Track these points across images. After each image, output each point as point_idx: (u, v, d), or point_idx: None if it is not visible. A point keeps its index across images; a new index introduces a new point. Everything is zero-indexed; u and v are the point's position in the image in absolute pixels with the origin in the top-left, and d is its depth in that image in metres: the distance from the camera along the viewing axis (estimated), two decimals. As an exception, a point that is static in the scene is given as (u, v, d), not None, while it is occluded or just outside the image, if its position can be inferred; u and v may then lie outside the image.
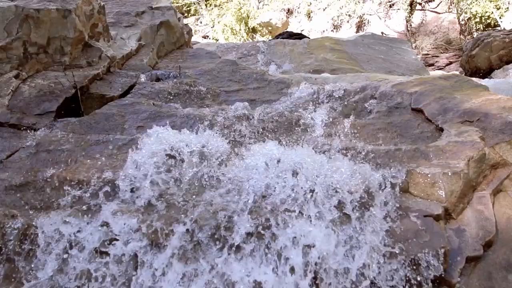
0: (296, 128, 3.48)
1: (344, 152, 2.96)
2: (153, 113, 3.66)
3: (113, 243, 2.49)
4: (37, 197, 2.74)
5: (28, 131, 3.35)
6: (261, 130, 3.44)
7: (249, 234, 2.45)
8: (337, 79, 4.66)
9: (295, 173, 2.66)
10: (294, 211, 2.51)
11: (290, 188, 2.60)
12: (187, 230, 2.46)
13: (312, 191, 2.57)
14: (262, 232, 2.45)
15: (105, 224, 2.53)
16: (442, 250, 2.31)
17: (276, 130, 3.45)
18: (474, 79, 4.32)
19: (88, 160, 2.99)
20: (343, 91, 4.01)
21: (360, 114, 3.70)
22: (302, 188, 2.59)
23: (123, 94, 4.09)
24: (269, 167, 2.73)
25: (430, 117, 3.37)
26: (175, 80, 4.48)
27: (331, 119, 3.58)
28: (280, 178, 2.66)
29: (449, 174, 2.60)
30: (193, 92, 4.24)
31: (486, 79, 7.49)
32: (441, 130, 3.19)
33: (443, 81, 3.89)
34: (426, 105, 3.50)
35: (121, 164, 2.86)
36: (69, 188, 2.74)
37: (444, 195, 2.56)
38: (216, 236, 2.46)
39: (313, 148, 3.01)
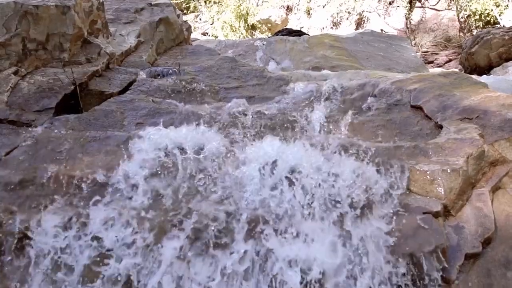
0: (295, 126, 3.46)
1: (344, 150, 2.90)
2: (152, 110, 3.65)
3: (105, 260, 2.44)
4: (36, 194, 2.73)
5: (27, 128, 3.33)
6: (258, 128, 3.41)
7: (243, 254, 2.39)
8: (337, 76, 4.65)
9: (292, 183, 2.60)
10: (292, 232, 2.44)
11: (287, 202, 2.53)
12: (181, 247, 2.42)
13: (310, 205, 2.51)
14: (256, 254, 2.40)
15: (96, 238, 2.49)
16: (441, 247, 2.31)
17: (274, 127, 3.43)
18: (473, 76, 4.32)
19: (87, 157, 2.98)
20: (342, 88, 4.01)
21: (359, 111, 3.69)
22: (299, 202, 2.52)
23: (122, 91, 4.08)
24: (264, 176, 2.65)
25: (430, 114, 3.37)
26: (174, 76, 4.48)
27: (330, 116, 3.57)
28: (276, 189, 2.59)
29: (448, 171, 2.61)
30: (192, 89, 4.23)
31: (485, 76, 7.48)
32: (440, 127, 3.19)
33: (443, 78, 3.89)
34: (426, 102, 3.50)
35: (118, 162, 2.84)
36: (58, 196, 2.69)
37: (443, 192, 2.56)
38: (208, 254, 2.41)
39: (311, 145, 2.95)
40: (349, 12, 18.54)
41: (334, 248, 2.38)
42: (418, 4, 18.03)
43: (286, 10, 19.86)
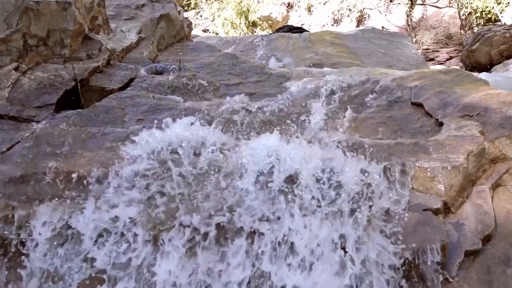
0: (294, 123, 3.45)
1: (345, 150, 2.84)
2: (152, 106, 3.65)
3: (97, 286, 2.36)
4: (37, 190, 2.74)
5: (28, 124, 3.34)
6: (257, 126, 3.38)
7: (240, 282, 2.31)
8: (337, 73, 4.65)
9: (290, 200, 2.48)
10: (291, 256, 2.34)
11: (284, 226, 2.40)
12: (171, 271, 2.36)
13: (309, 227, 2.38)
14: (253, 280, 2.30)
15: (87, 259, 2.43)
16: (441, 244, 2.31)
17: (273, 125, 3.41)
18: (474, 73, 4.32)
19: (88, 153, 2.98)
20: (342, 86, 4.00)
21: (360, 108, 3.69)
22: (298, 224, 2.39)
23: (123, 87, 4.08)
24: (261, 190, 2.55)
25: (430, 111, 3.37)
26: (175, 73, 4.48)
27: (330, 113, 3.57)
28: (273, 205, 2.48)
29: (449, 168, 2.60)
30: (193, 86, 4.23)
31: (485, 73, 7.47)
32: (441, 124, 3.19)
33: (443, 76, 3.89)
34: (426, 99, 3.50)
35: (118, 157, 2.82)
36: (54, 200, 2.63)
37: (443, 189, 2.55)
38: (201, 280, 2.35)
39: (311, 144, 2.90)
40: (350, 9, 18.52)
41: (337, 272, 2.29)
42: (419, 1, 18.00)
43: (287, 7, 19.84)
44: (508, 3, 15.48)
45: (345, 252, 2.34)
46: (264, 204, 2.49)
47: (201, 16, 21.03)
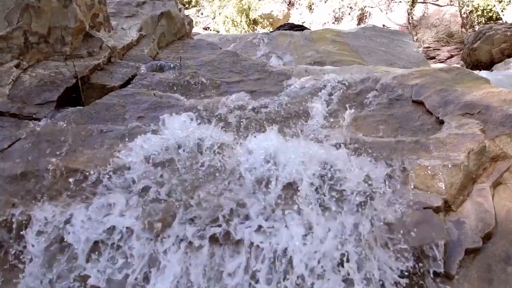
0: (295, 122, 3.45)
1: (346, 148, 2.83)
2: (153, 104, 3.65)
3: None
4: (37, 189, 2.74)
5: (29, 121, 3.34)
6: (256, 125, 3.38)
7: None
8: (338, 71, 4.64)
9: (287, 215, 2.40)
10: (290, 277, 2.25)
11: (283, 239, 2.33)
12: None
13: (309, 243, 2.31)
14: None
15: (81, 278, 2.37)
16: (442, 242, 2.31)
17: (274, 123, 3.39)
18: (475, 72, 4.31)
19: (88, 150, 2.98)
20: (343, 83, 4.00)
21: (361, 106, 3.69)
22: (296, 242, 2.31)
23: (124, 85, 4.08)
24: (257, 198, 2.49)
25: (431, 109, 3.37)
26: (176, 70, 4.48)
27: (331, 112, 3.57)
28: (271, 216, 2.42)
29: (449, 166, 2.60)
30: (193, 83, 4.23)
31: (486, 71, 7.47)
32: (442, 122, 3.19)
33: (444, 74, 3.89)
34: (427, 97, 3.50)
35: (117, 157, 2.81)
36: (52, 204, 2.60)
37: (444, 187, 2.55)
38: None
39: (311, 143, 2.86)
40: (351, 7, 18.53)
41: None
42: (420, -1, 18.02)
43: (288, 5, 19.85)
44: (510, 1, 15.47)
45: (348, 273, 2.28)
46: (261, 215, 2.44)
47: (202, 14, 21.04)
